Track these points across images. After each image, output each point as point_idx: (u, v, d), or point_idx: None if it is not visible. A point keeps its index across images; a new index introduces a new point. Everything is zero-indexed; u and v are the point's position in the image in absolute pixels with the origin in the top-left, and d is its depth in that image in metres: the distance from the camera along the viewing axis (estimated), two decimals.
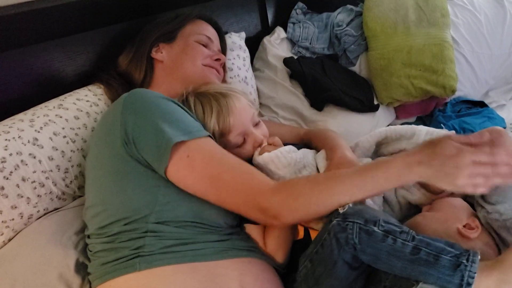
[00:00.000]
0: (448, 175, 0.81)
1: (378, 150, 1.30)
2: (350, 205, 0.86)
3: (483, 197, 0.96)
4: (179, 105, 1.00)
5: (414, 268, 0.81)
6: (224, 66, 1.37)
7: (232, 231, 1.00)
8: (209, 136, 0.98)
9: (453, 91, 1.69)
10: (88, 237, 1.00)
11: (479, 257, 0.79)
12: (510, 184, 0.90)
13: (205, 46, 1.29)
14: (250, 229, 1.06)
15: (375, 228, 0.82)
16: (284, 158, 1.08)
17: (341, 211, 0.85)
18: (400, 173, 0.85)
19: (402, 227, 0.83)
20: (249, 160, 1.11)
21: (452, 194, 1.05)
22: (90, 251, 0.99)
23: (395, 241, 0.81)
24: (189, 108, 1.08)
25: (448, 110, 1.77)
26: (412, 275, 0.82)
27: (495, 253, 0.92)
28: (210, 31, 1.35)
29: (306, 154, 1.16)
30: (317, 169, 1.13)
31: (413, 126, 1.21)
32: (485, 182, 0.81)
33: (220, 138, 1.09)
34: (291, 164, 1.08)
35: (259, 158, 1.09)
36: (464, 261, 0.78)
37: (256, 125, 1.15)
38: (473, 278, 0.77)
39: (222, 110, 1.08)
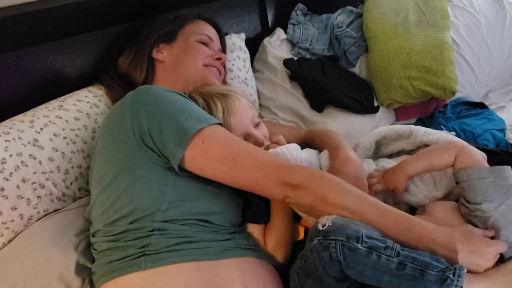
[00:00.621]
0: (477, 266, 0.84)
1: (378, 151, 1.30)
2: (330, 223, 0.83)
3: (465, 198, 0.95)
4: (185, 97, 1.02)
5: (401, 282, 0.80)
6: (224, 66, 1.37)
7: (235, 230, 1.01)
8: (220, 124, 0.99)
9: (453, 93, 1.69)
10: (93, 236, 1.00)
11: (465, 271, 0.78)
12: (488, 185, 0.92)
13: (205, 45, 1.30)
14: (252, 228, 1.07)
15: (358, 245, 0.80)
16: (290, 155, 1.07)
17: (321, 228, 0.83)
18: (434, 249, 0.83)
19: (386, 242, 0.81)
20: None
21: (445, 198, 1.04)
22: (95, 250, 0.98)
23: (380, 257, 0.80)
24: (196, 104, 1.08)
25: (448, 112, 1.77)
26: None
27: None
28: (210, 31, 1.35)
29: (311, 153, 1.16)
30: (320, 169, 1.13)
31: (411, 125, 1.21)
32: None
33: None
34: (297, 161, 1.08)
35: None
36: (451, 275, 0.78)
37: (256, 126, 1.15)
38: None
39: (224, 111, 1.08)
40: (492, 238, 0.89)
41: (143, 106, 0.96)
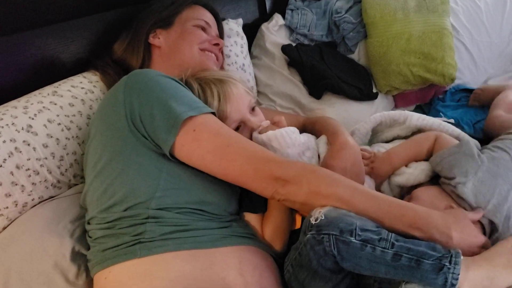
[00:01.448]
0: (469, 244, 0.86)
1: (374, 138, 1.30)
2: (322, 216, 0.82)
3: (445, 177, 1.01)
4: (180, 83, 1.00)
5: (397, 272, 0.80)
6: (222, 52, 1.35)
7: (232, 218, 1.00)
8: (213, 113, 0.98)
9: (452, 79, 1.68)
10: (88, 223, 0.99)
11: (461, 258, 0.78)
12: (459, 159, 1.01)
13: (203, 30, 1.28)
14: (249, 217, 1.06)
15: (352, 239, 0.79)
16: (289, 138, 1.06)
17: (313, 222, 0.83)
18: (429, 233, 0.84)
19: (381, 233, 0.81)
20: None
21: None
22: (90, 237, 0.98)
23: (374, 249, 0.79)
24: (191, 90, 1.06)
25: (447, 99, 1.76)
26: (396, 277, 0.81)
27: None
28: (208, 16, 1.34)
29: (309, 137, 1.15)
30: (318, 155, 1.12)
31: (405, 111, 1.23)
32: None
33: None
34: (295, 144, 1.07)
35: (263, 136, 1.06)
36: (447, 263, 0.78)
37: (252, 112, 1.13)
38: (457, 279, 0.77)
39: (220, 97, 1.06)
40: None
41: (136, 91, 0.94)
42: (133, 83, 0.96)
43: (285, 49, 1.65)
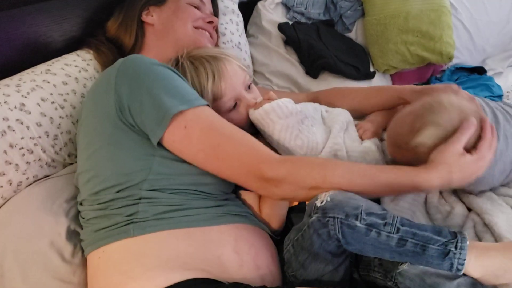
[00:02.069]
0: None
1: None
2: (328, 199, 0.82)
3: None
4: (175, 72, 0.97)
5: (402, 258, 0.80)
6: (216, 30, 1.34)
7: (227, 197, 1.00)
8: (207, 105, 0.95)
9: (450, 58, 1.67)
10: (81, 204, 0.99)
11: (467, 243, 0.78)
12: None
13: (197, 8, 1.26)
14: (246, 195, 1.06)
15: (357, 223, 0.79)
16: (285, 107, 1.05)
17: (319, 204, 0.82)
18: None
19: (386, 217, 0.80)
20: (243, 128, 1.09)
21: None
22: (83, 218, 0.97)
23: (379, 234, 0.79)
24: (184, 73, 1.05)
25: (445, 78, 1.75)
26: (402, 261, 0.82)
27: None
28: None
29: (305, 105, 1.14)
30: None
31: None
32: None
33: (213, 103, 1.06)
34: (293, 113, 1.06)
35: (259, 110, 1.05)
36: (453, 248, 0.77)
37: (248, 89, 1.12)
38: (462, 264, 0.77)
39: (215, 74, 1.05)
40: None
41: (127, 78, 0.92)
42: (126, 70, 0.94)
43: (281, 27, 1.63)
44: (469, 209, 1.06)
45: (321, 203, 0.82)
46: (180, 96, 0.91)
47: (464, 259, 0.77)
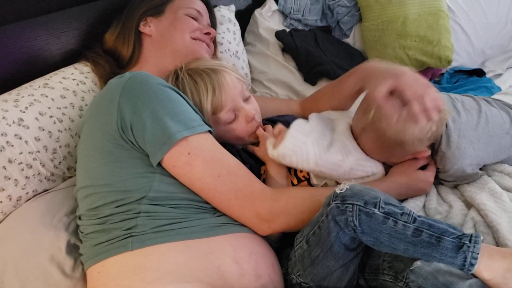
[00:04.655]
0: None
1: None
2: (348, 186, 0.84)
3: None
4: (179, 94, 0.98)
5: (416, 249, 0.80)
6: (214, 41, 1.34)
7: None
8: (209, 131, 0.96)
9: (449, 62, 1.67)
10: (79, 218, 0.99)
11: (481, 238, 0.79)
12: None
13: (194, 19, 1.26)
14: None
15: (375, 210, 0.80)
16: (304, 125, 1.04)
17: (338, 191, 0.84)
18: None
19: (403, 208, 0.82)
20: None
21: None
22: (82, 233, 0.97)
23: (396, 223, 0.80)
24: (183, 88, 1.06)
25: (444, 81, 1.75)
26: (415, 256, 0.82)
27: None
28: (199, 5, 1.32)
29: (315, 118, 1.10)
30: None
31: None
32: None
33: (212, 115, 1.07)
34: (313, 127, 1.04)
35: (288, 139, 1.00)
36: (467, 242, 0.78)
37: (246, 100, 1.12)
38: (476, 259, 0.77)
39: (215, 88, 1.05)
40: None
41: (132, 98, 0.92)
42: (131, 88, 0.94)
43: (279, 35, 1.64)
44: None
45: (341, 190, 0.84)
46: (184, 121, 0.92)
47: (478, 253, 0.77)
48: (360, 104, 1.07)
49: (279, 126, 1.09)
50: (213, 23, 1.41)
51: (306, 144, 1.00)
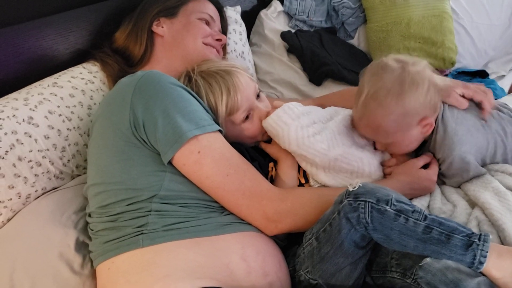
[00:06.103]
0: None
1: None
2: (360, 184, 0.85)
3: None
4: (191, 93, 0.99)
5: (426, 247, 0.81)
6: (224, 47, 1.35)
7: None
8: (219, 130, 0.97)
9: (453, 63, 1.68)
10: (89, 215, 0.99)
11: (490, 236, 0.80)
12: None
13: (207, 24, 1.27)
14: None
15: (387, 207, 0.82)
16: (296, 108, 1.06)
17: (351, 189, 0.85)
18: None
19: (414, 206, 0.83)
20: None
21: None
22: (92, 230, 0.98)
23: (407, 220, 0.81)
24: (198, 90, 1.07)
25: None
26: (425, 253, 0.82)
27: None
28: (212, 10, 1.32)
29: (314, 108, 1.14)
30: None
31: None
32: None
33: (228, 116, 1.08)
34: (304, 113, 1.06)
35: (272, 116, 1.05)
36: (476, 240, 0.79)
37: (258, 98, 1.13)
38: (485, 257, 0.78)
39: (230, 89, 1.06)
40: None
41: (144, 97, 0.93)
42: (144, 87, 0.95)
43: (284, 35, 1.64)
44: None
45: (354, 188, 0.85)
46: (196, 120, 0.93)
47: (487, 252, 0.78)
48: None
49: (279, 102, 1.12)
50: (224, 28, 1.42)
51: (288, 126, 1.03)
